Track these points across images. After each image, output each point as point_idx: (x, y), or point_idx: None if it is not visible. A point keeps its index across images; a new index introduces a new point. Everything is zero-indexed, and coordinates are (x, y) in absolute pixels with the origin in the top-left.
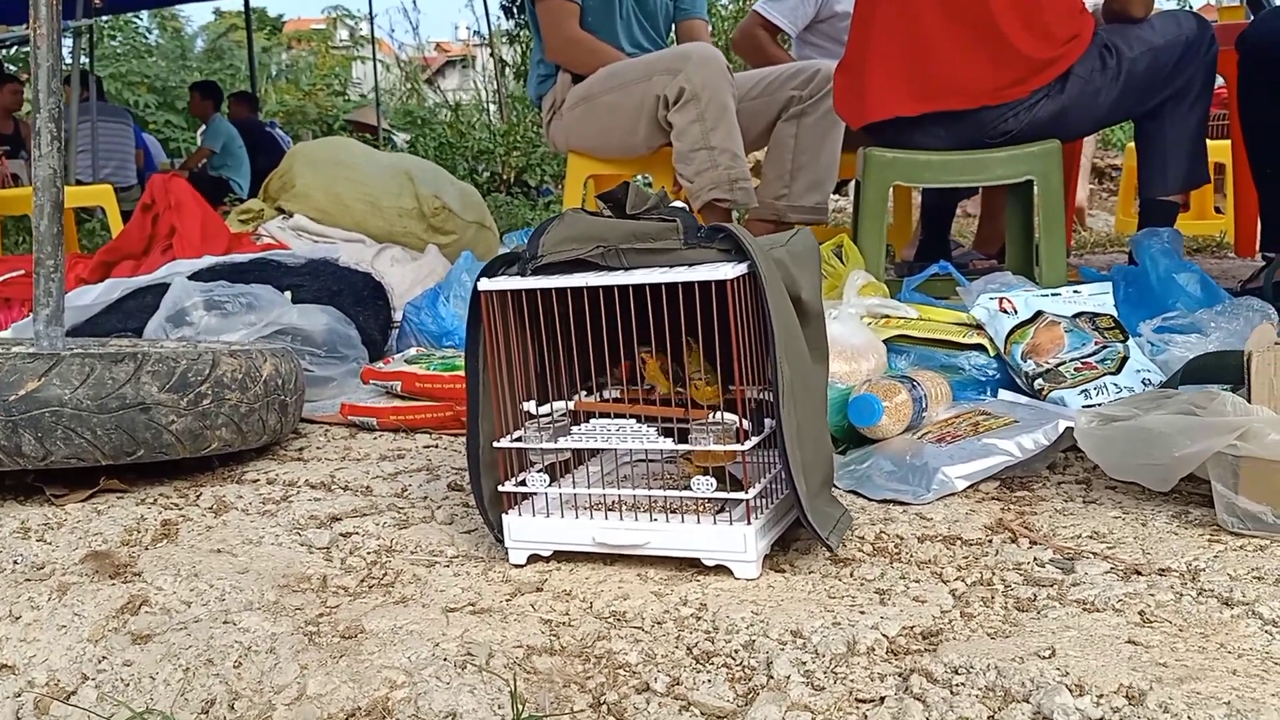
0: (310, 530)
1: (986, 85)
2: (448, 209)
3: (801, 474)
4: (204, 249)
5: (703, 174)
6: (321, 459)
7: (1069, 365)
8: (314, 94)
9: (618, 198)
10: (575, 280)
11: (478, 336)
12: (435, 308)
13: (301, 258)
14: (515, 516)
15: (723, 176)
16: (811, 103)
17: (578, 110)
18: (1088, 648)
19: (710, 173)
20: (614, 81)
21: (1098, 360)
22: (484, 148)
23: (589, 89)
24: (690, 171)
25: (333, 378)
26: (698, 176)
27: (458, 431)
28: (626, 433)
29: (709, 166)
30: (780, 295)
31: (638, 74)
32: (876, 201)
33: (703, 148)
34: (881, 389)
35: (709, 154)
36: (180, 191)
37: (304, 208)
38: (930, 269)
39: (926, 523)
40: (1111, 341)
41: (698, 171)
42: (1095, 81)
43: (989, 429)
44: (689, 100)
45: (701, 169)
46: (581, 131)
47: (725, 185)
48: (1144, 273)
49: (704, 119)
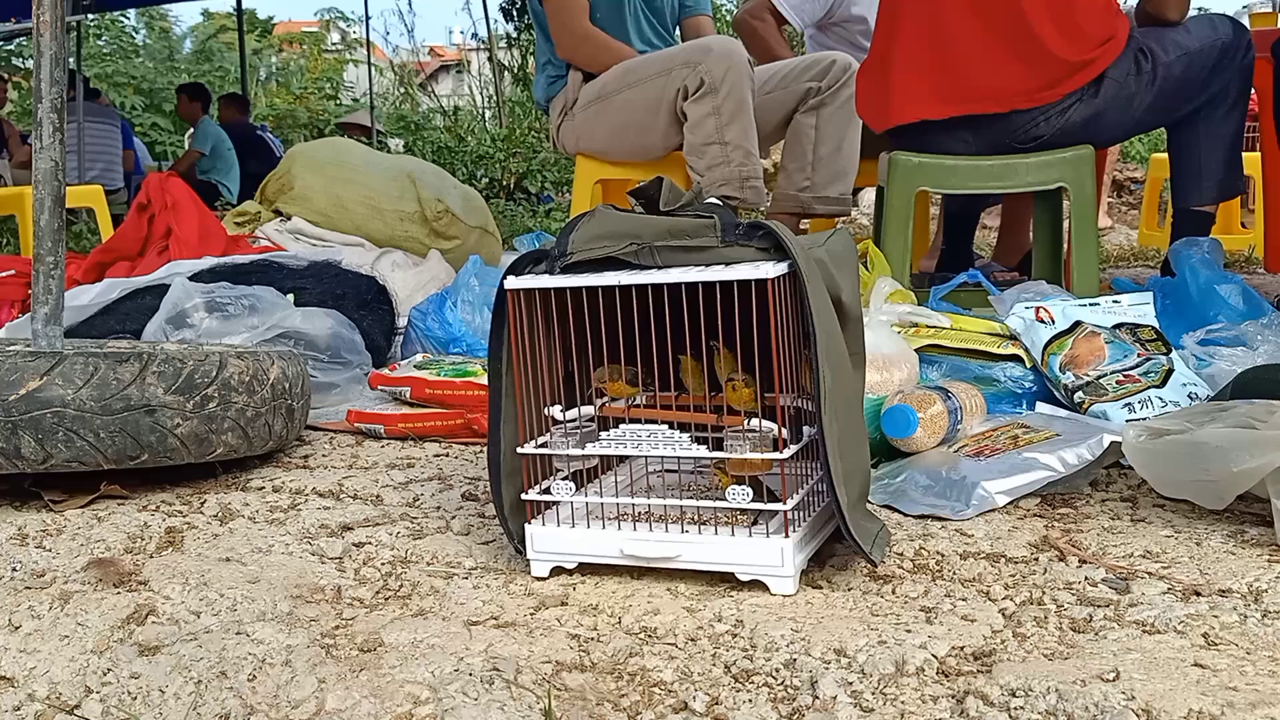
0: (321, 540)
1: (1017, 88)
2: (451, 213)
3: (842, 484)
4: (201, 250)
5: (714, 169)
6: (328, 467)
7: (1110, 378)
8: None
9: (650, 194)
10: (607, 279)
11: (503, 337)
12: (442, 313)
13: (304, 260)
14: (538, 526)
15: (734, 173)
16: (830, 93)
17: (590, 110)
18: (1152, 671)
19: (722, 168)
20: (630, 79)
21: (1141, 373)
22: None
23: (602, 87)
24: (702, 165)
25: (336, 384)
26: (709, 171)
27: (469, 440)
28: (658, 439)
29: (721, 162)
30: (822, 296)
31: (656, 69)
32: (902, 207)
33: (716, 142)
34: (916, 400)
35: (722, 149)
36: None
37: (303, 210)
38: (959, 278)
39: (968, 539)
40: (1154, 354)
41: (709, 166)
42: (1130, 86)
43: (1029, 443)
44: (707, 92)
45: (714, 163)
46: (593, 132)
47: (736, 182)
48: (1183, 284)
49: (720, 113)
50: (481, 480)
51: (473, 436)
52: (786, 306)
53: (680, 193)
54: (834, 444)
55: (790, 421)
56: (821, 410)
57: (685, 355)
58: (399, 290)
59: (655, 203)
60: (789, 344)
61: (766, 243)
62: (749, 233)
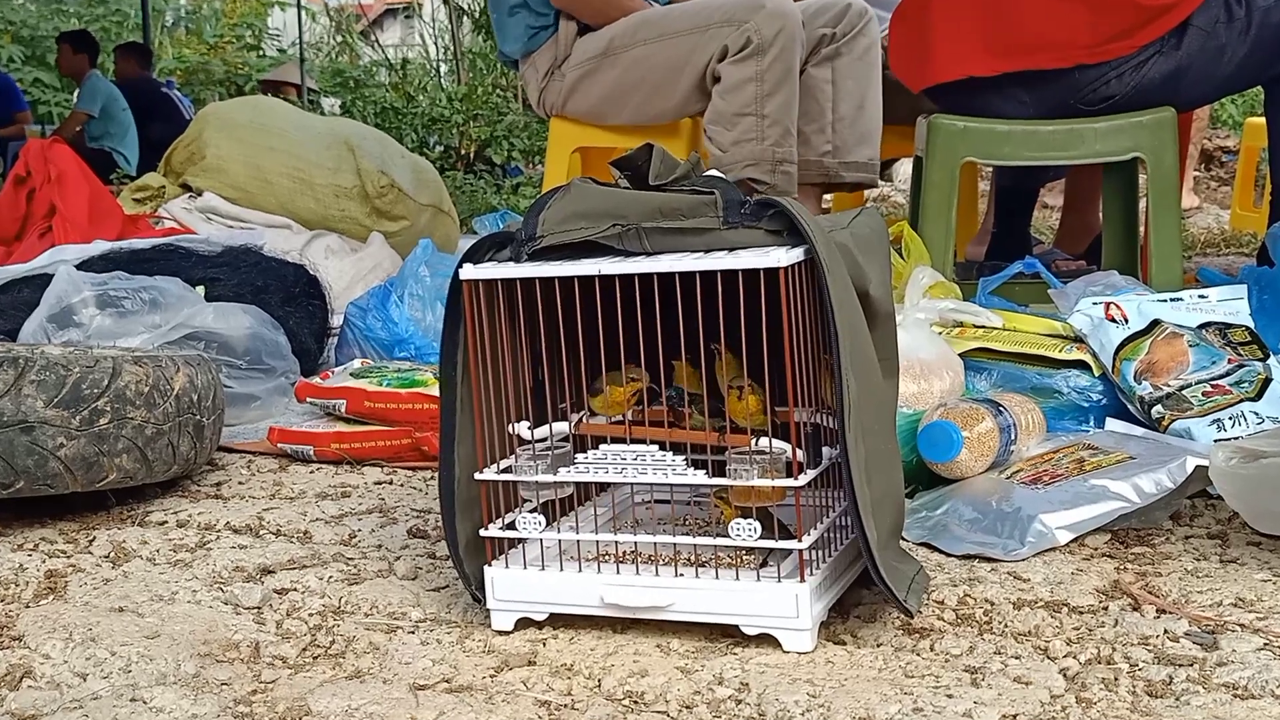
0: (236, 585)
1: (1083, 39)
2: (397, 188)
3: (870, 517)
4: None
5: (743, 145)
6: (245, 496)
7: (1195, 389)
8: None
9: (637, 164)
10: (585, 267)
11: (457, 339)
12: (385, 309)
13: (217, 245)
14: (500, 569)
15: (767, 153)
16: (846, 41)
17: (587, 67)
18: None
19: (753, 145)
20: (648, 33)
21: (1232, 383)
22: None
23: (610, 42)
24: (727, 139)
25: (257, 395)
26: (735, 146)
27: (418, 464)
28: (647, 463)
29: (753, 137)
30: (845, 289)
31: (689, 24)
32: (944, 182)
33: (752, 114)
34: (960, 415)
35: (757, 123)
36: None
37: (216, 184)
38: (1012, 267)
39: (1022, 584)
40: (1248, 360)
41: (737, 141)
42: (1219, 36)
43: (1097, 467)
44: (753, 54)
45: (743, 138)
46: (589, 91)
47: (768, 164)
48: None
49: (763, 80)
50: (432, 513)
51: (422, 460)
52: (802, 301)
53: (674, 163)
54: (860, 468)
55: (807, 441)
56: (845, 427)
57: (680, 361)
58: (334, 281)
59: (643, 175)
60: (805, 347)
61: (778, 224)
62: (757, 211)
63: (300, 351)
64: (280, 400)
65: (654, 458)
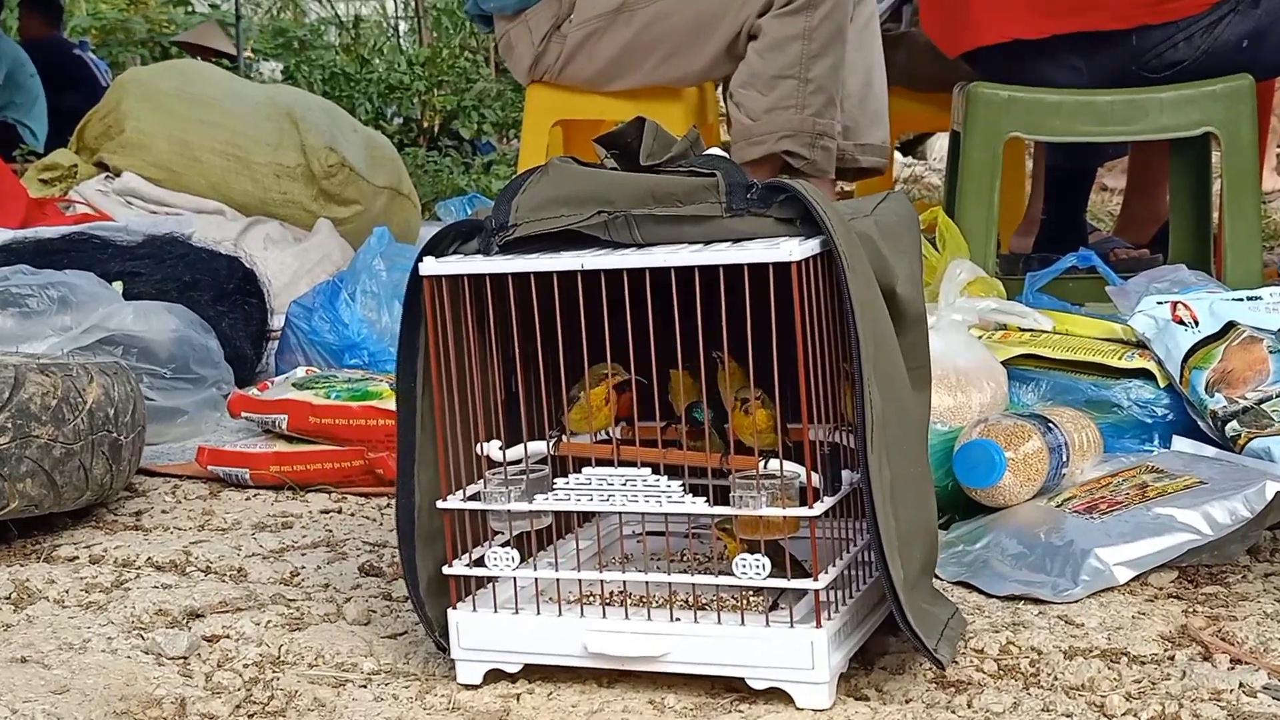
0: (158, 632)
1: None
2: (348, 167)
3: (897, 553)
4: None
5: (779, 112)
6: (170, 528)
7: (1276, 402)
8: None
9: (627, 141)
10: (565, 261)
11: (417, 344)
12: (334, 308)
13: (138, 234)
14: (467, 613)
15: (807, 124)
16: None
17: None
18: None
19: (791, 114)
20: None
21: None
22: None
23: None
24: (761, 105)
25: (184, 409)
26: (769, 115)
27: (372, 490)
28: (637, 488)
29: (793, 104)
30: (868, 286)
31: None
32: (985, 161)
33: (795, 76)
34: (1003, 433)
35: (799, 87)
36: None
37: (137, 163)
38: (1064, 260)
39: (1075, 630)
40: None
41: (773, 107)
42: None
43: (1162, 494)
44: (803, 8)
45: (780, 104)
46: (595, 53)
47: (807, 136)
48: None
49: (811, 38)
50: (388, 547)
51: (376, 484)
52: (819, 301)
53: (670, 140)
54: (884, 495)
55: (824, 463)
56: (867, 447)
57: (677, 369)
58: (274, 276)
59: (634, 154)
60: (822, 354)
61: (790, 210)
62: (766, 196)
63: (234, 358)
64: (211, 415)
65: (646, 483)
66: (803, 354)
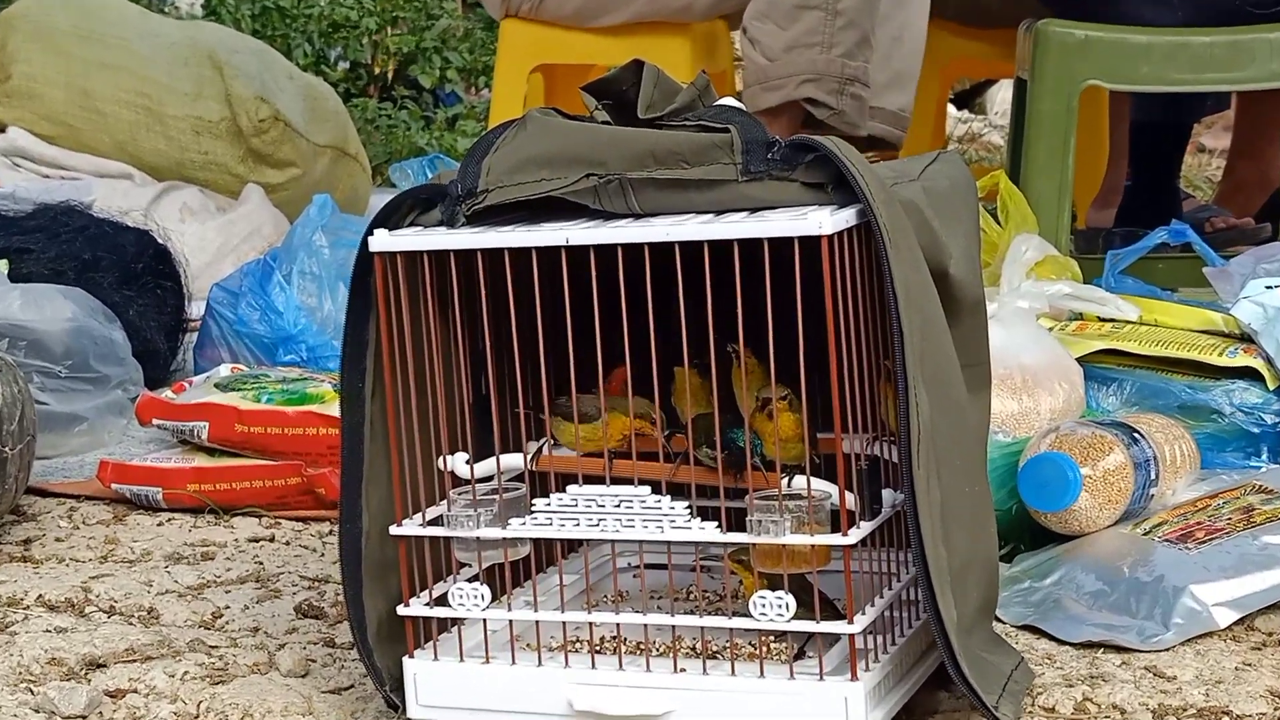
0: (51, 685)
1: None
2: (282, 122)
3: (949, 590)
4: None
5: (801, 51)
6: (66, 559)
7: None
8: None
9: (622, 89)
10: (547, 235)
11: (366, 336)
12: (265, 293)
13: (27, 202)
14: (427, 662)
15: (834, 65)
16: None
17: None
18: None
19: (816, 53)
20: None
21: None
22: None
23: None
24: (780, 42)
25: (82, 415)
26: (790, 54)
27: (311, 514)
28: (634, 511)
29: (818, 42)
30: (915, 266)
31: None
32: (1057, 115)
33: (821, 8)
34: (1078, 446)
35: (826, 21)
36: None
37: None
38: (1153, 235)
39: (1165, 684)
40: None
41: (792, 45)
42: None
43: (1271, 519)
44: None
45: (803, 42)
46: None
47: (834, 81)
48: None
49: None
50: (330, 582)
51: (316, 507)
52: (855, 283)
53: (673, 87)
54: (932, 520)
55: (861, 481)
56: (912, 462)
57: (682, 367)
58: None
59: (630, 105)
60: (859, 348)
61: (820, 173)
62: (791, 156)
63: (144, 353)
64: (115, 423)
65: (644, 504)
66: (834, 348)
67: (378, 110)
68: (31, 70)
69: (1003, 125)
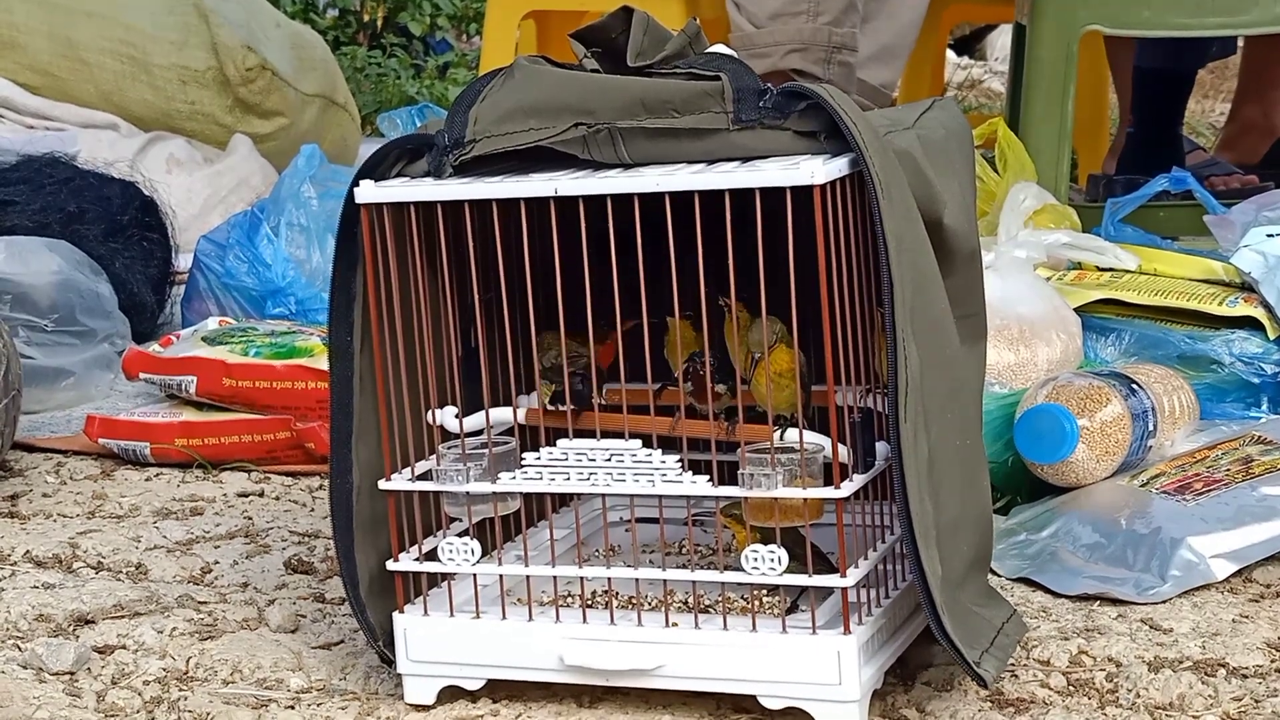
0: (39, 642)
1: None
2: (270, 71)
3: (934, 545)
4: None
5: (787, 19)
6: (53, 515)
7: None
8: None
9: (611, 36)
10: (535, 185)
11: (354, 289)
12: (253, 245)
13: (10, 153)
14: (417, 618)
15: (821, 34)
16: None
17: None
18: None
19: (803, 21)
20: None
21: None
22: None
23: None
24: (763, 9)
25: (69, 369)
26: (776, 21)
27: (300, 468)
28: (625, 465)
29: (804, 9)
30: (907, 216)
31: None
32: (1057, 61)
33: None
34: (1076, 397)
35: None
36: None
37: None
38: (1153, 183)
39: (1161, 637)
40: None
41: (778, 12)
42: None
43: (1270, 470)
44: None
45: (790, 9)
46: None
47: (821, 50)
48: None
49: None
50: (321, 537)
51: (305, 461)
52: (847, 233)
53: (664, 35)
54: (918, 474)
55: (854, 434)
56: (899, 414)
57: (673, 316)
58: (179, 206)
59: (619, 52)
60: (851, 299)
61: (813, 122)
62: (783, 105)
63: (131, 306)
64: (103, 377)
65: (635, 458)
66: (827, 299)
67: (367, 58)
68: (13, 19)
69: (1003, 71)
